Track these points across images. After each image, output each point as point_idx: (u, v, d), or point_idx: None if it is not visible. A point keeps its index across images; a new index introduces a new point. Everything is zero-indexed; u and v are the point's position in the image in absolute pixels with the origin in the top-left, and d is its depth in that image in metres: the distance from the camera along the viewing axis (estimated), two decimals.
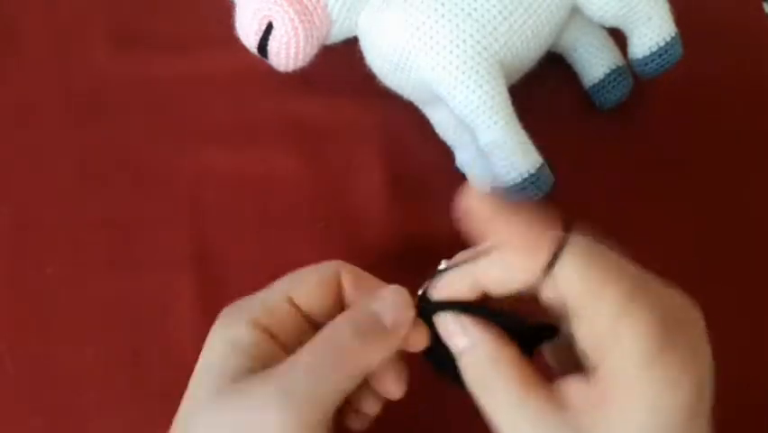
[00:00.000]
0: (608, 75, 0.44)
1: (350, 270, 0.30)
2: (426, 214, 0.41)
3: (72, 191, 0.41)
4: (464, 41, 0.37)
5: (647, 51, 0.41)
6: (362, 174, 0.42)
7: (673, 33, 0.41)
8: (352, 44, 0.40)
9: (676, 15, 0.41)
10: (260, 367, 0.27)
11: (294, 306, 0.29)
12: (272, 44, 0.37)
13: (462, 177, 0.42)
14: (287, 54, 0.38)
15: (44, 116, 0.43)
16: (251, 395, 0.26)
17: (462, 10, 0.37)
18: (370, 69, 0.41)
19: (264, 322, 0.28)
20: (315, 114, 0.44)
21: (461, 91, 0.37)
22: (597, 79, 0.44)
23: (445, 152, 0.43)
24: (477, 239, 0.26)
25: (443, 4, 0.37)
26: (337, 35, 0.39)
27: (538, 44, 0.40)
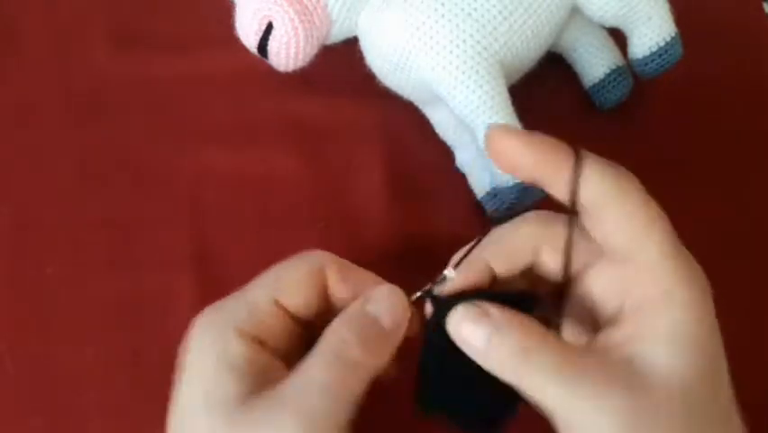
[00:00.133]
0: (608, 75, 0.44)
1: (334, 262, 0.29)
2: (426, 214, 0.41)
3: (72, 191, 0.41)
4: (464, 41, 0.37)
5: (647, 51, 0.41)
6: (362, 174, 0.42)
7: (673, 33, 0.41)
8: (352, 44, 0.40)
9: (676, 15, 0.41)
10: (258, 383, 0.26)
11: (280, 308, 0.28)
12: (272, 44, 0.37)
13: (462, 177, 0.42)
14: (287, 54, 0.38)
15: (44, 116, 0.43)
16: (265, 424, 0.25)
17: (462, 10, 0.37)
18: (370, 69, 0.41)
19: (253, 332, 0.27)
20: (315, 114, 0.44)
21: (461, 91, 0.37)
22: (597, 79, 0.44)
23: (445, 152, 0.43)
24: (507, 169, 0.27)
25: (443, 4, 0.37)
26: (337, 35, 0.39)
27: (538, 44, 0.40)
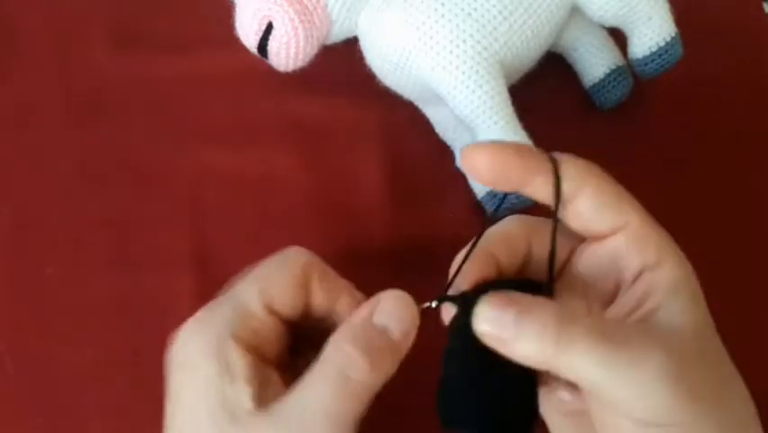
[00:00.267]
0: (608, 75, 0.44)
1: (316, 266, 0.29)
2: (426, 214, 0.41)
3: (72, 191, 0.41)
4: (464, 41, 0.37)
5: (647, 51, 0.41)
6: (362, 174, 0.42)
7: (673, 33, 0.41)
8: (352, 44, 0.40)
9: (676, 15, 0.41)
10: (259, 392, 0.26)
11: (273, 314, 0.28)
12: (272, 44, 0.37)
13: (462, 177, 0.42)
14: (287, 54, 0.38)
15: (44, 116, 0.43)
16: None
17: (462, 10, 0.37)
18: (370, 69, 0.41)
19: (250, 340, 0.27)
20: (315, 114, 0.44)
21: (461, 91, 0.37)
22: (597, 79, 0.44)
23: (445, 152, 0.43)
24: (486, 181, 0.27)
25: (443, 4, 0.37)
26: (337, 35, 0.39)
27: (538, 44, 0.40)
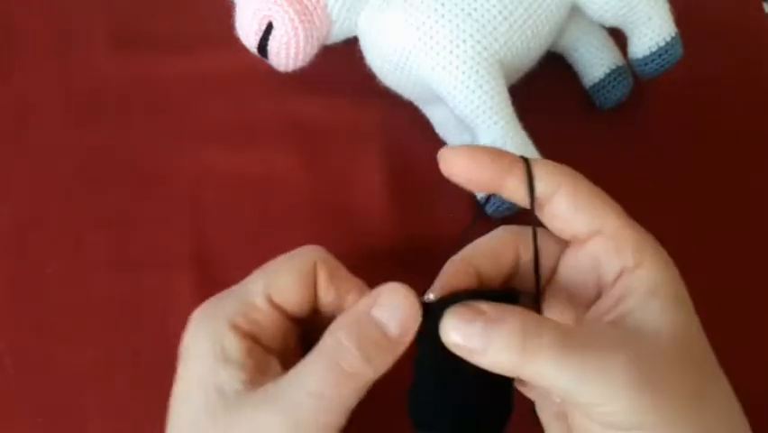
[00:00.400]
0: (608, 75, 0.44)
1: (325, 263, 0.29)
2: (426, 213, 0.41)
3: (72, 191, 0.41)
4: (464, 41, 0.37)
5: (647, 51, 0.41)
6: (362, 174, 0.42)
7: (673, 33, 0.41)
8: (352, 44, 0.40)
9: (676, 15, 0.41)
10: (254, 377, 0.26)
11: (275, 307, 0.28)
12: (272, 44, 0.37)
13: None
14: (287, 54, 0.38)
15: (44, 116, 0.43)
16: (255, 422, 0.25)
17: (462, 10, 0.37)
18: (370, 69, 0.41)
19: (248, 328, 0.27)
20: (315, 114, 0.44)
21: (461, 91, 0.37)
22: (597, 79, 0.44)
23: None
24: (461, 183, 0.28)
25: (443, 5, 0.37)
26: (337, 35, 0.39)
27: (538, 44, 0.40)
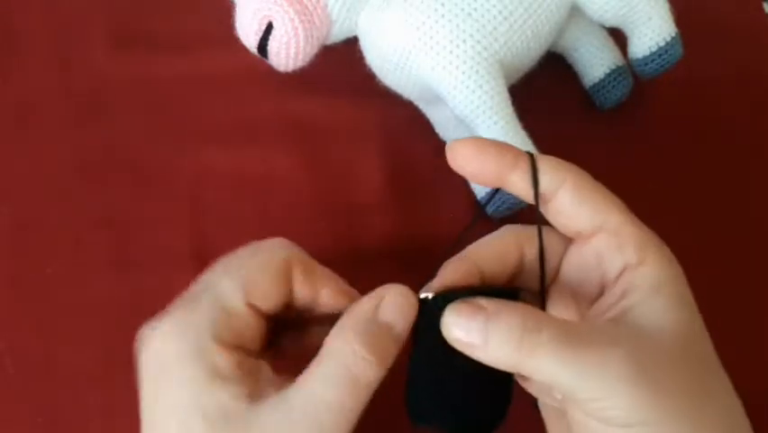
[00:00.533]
0: (608, 75, 0.44)
1: (299, 259, 0.29)
2: (426, 213, 0.41)
3: (72, 191, 0.41)
4: (464, 41, 0.37)
5: (647, 51, 0.41)
6: (362, 174, 0.42)
7: (673, 33, 0.41)
8: (352, 44, 0.40)
9: (676, 15, 0.41)
10: (251, 392, 0.26)
11: (255, 310, 0.28)
12: (272, 44, 0.37)
13: (462, 177, 0.42)
14: (287, 54, 0.38)
15: (44, 116, 0.43)
16: None
17: (462, 10, 0.37)
18: (370, 69, 0.41)
19: (233, 340, 0.27)
20: (315, 114, 0.44)
21: (461, 91, 0.37)
22: (597, 79, 0.44)
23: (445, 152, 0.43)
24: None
25: (443, 5, 0.37)
26: (337, 35, 0.39)
27: (538, 44, 0.40)
